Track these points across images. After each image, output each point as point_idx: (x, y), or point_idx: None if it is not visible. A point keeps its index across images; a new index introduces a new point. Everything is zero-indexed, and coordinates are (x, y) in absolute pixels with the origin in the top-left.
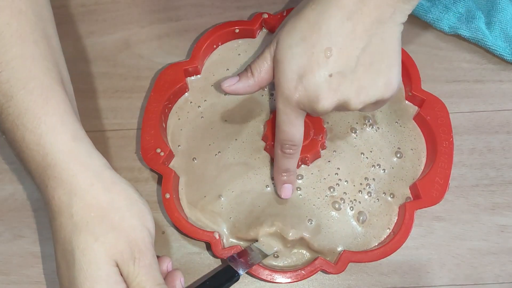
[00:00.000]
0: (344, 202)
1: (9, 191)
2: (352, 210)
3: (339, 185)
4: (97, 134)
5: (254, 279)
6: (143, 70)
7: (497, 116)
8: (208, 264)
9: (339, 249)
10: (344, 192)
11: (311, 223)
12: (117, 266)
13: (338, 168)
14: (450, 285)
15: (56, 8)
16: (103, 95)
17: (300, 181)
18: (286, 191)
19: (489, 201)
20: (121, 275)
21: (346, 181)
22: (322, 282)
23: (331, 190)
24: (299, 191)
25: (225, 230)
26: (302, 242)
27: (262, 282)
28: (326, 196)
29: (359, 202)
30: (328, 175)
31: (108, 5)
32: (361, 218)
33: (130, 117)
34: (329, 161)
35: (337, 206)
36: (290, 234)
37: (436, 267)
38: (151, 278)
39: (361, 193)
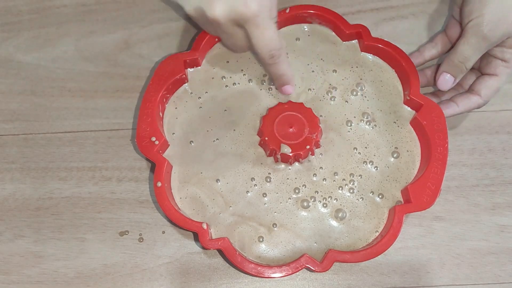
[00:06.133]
0: (314, 200)
1: (10, 190)
2: (325, 207)
3: (307, 186)
4: (98, 134)
5: (254, 279)
6: (143, 70)
7: (497, 117)
8: (208, 264)
9: (315, 244)
10: (316, 191)
11: (275, 227)
12: None
13: (321, 167)
14: (450, 285)
15: (56, 8)
16: (103, 94)
17: (268, 184)
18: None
19: (489, 201)
20: None
21: (324, 179)
22: (323, 282)
23: (296, 191)
24: (265, 198)
25: (221, 213)
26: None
27: (263, 282)
28: (289, 198)
29: (336, 199)
30: (296, 178)
31: (109, 4)
32: (340, 215)
33: (130, 116)
34: (309, 159)
35: (305, 205)
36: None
37: (436, 267)
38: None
39: (342, 189)
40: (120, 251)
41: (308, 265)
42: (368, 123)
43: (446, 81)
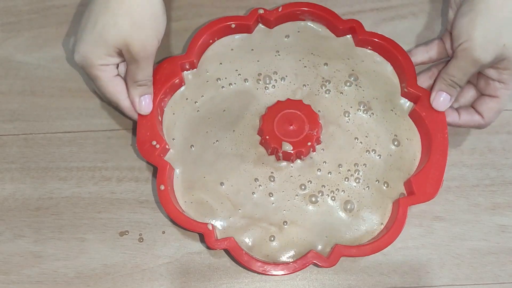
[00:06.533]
0: (322, 195)
1: (10, 190)
2: (334, 200)
3: (313, 181)
4: (98, 134)
5: (255, 279)
6: None
7: None
8: (209, 264)
9: (326, 237)
10: (323, 185)
11: (286, 224)
12: (121, 50)
13: (324, 162)
14: (450, 285)
15: (56, 8)
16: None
17: (272, 184)
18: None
19: (489, 201)
20: (120, 56)
21: (329, 172)
22: (323, 282)
23: (302, 188)
24: (271, 197)
25: (230, 217)
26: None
27: (263, 281)
28: (297, 195)
29: (343, 191)
30: (300, 175)
31: None
32: (348, 207)
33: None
34: (311, 156)
35: (314, 200)
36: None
37: (436, 267)
38: (143, 73)
39: (348, 180)
40: (120, 251)
41: (315, 261)
42: (365, 112)
43: (442, 101)
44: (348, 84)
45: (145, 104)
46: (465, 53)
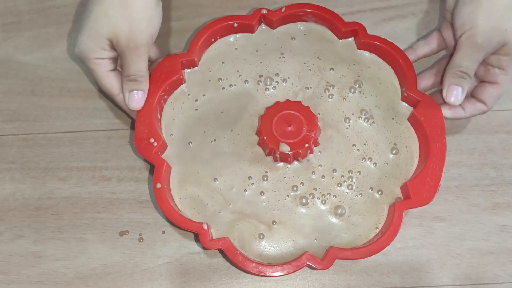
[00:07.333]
0: (313, 197)
1: (10, 190)
2: (324, 204)
3: (305, 183)
4: (98, 134)
5: (254, 279)
6: None
7: (497, 116)
8: (208, 264)
9: (315, 240)
10: (315, 188)
11: (275, 224)
12: (112, 42)
13: (320, 165)
14: (450, 285)
15: (56, 8)
16: (103, 94)
17: (265, 183)
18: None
19: (489, 201)
20: (114, 50)
21: (323, 176)
22: (323, 282)
23: (294, 189)
24: (262, 196)
25: (221, 211)
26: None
27: (262, 281)
28: (288, 196)
29: (334, 196)
30: (293, 176)
31: None
32: (339, 211)
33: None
34: (308, 159)
35: (304, 202)
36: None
37: (436, 267)
38: (133, 67)
39: (340, 186)
40: (120, 251)
41: (309, 263)
42: (366, 120)
43: (456, 94)
44: (352, 90)
45: (134, 100)
46: (470, 40)
